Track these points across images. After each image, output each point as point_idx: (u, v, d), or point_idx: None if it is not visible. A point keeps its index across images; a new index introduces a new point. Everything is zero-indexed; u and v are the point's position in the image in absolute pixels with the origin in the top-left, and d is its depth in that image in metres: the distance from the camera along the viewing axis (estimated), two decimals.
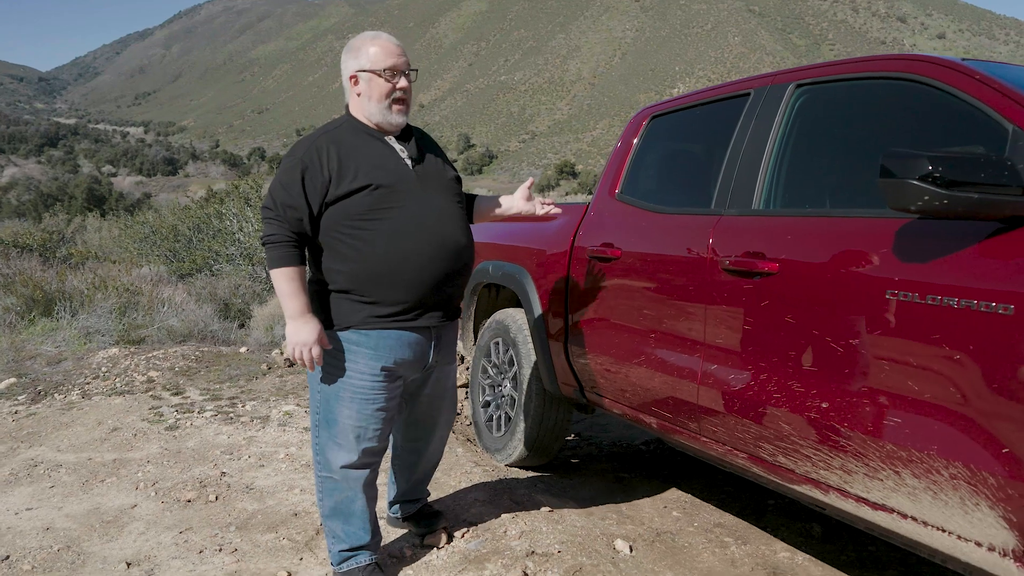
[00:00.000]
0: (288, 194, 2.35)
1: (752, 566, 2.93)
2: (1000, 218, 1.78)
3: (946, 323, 1.84)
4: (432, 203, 2.47)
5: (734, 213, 2.63)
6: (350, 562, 2.60)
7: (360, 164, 2.38)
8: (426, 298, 2.46)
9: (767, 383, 2.35)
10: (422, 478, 2.99)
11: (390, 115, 2.45)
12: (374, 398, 2.47)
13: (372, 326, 2.42)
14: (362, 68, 2.43)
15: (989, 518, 1.77)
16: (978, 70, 2.07)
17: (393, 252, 2.37)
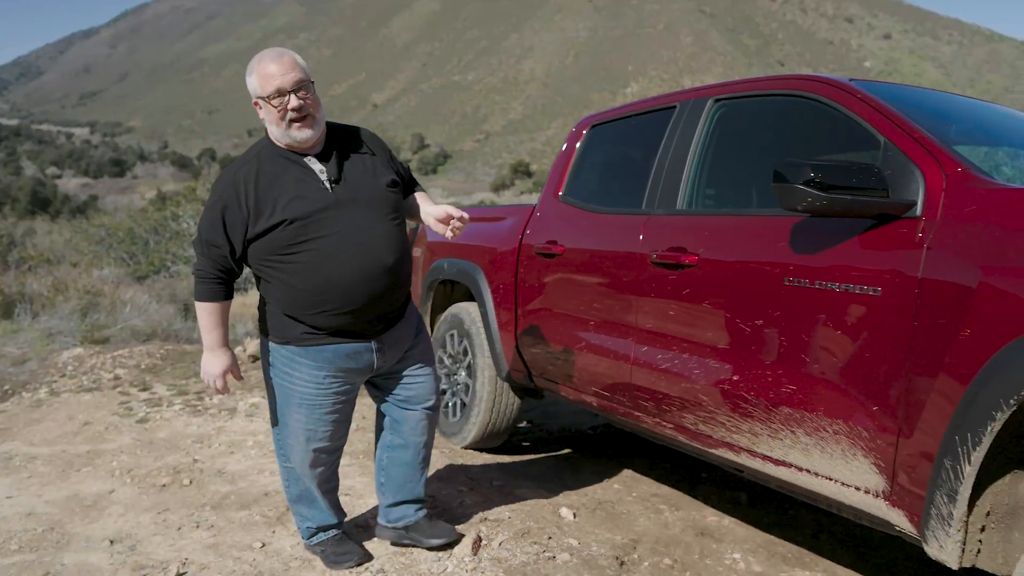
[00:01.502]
0: (212, 232, 2.41)
1: (682, 528, 3.27)
2: (870, 215, 2.13)
3: (830, 304, 2.19)
4: (354, 226, 2.44)
5: (661, 213, 2.97)
6: (319, 535, 2.78)
7: (278, 197, 2.38)
8: (356, 321, 2.49)
9: (688, 361, 2.69)
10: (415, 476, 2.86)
11: (293, 133, 2.40)
12: (321, 403, 2.56)
13: (308, 343, 2.49)
14: (255, 95, 2.41)
15: (864, 466, 2.12)
16: (860, 89, 2.43)
17: (315, 284, 2.40)
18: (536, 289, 3.60)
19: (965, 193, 1.99)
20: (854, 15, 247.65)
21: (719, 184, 2.92)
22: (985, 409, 1.76)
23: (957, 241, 1.93)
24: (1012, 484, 1.97)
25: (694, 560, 2.95)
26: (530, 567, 2.72)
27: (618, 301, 3.05)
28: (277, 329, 2.53)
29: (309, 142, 2.44)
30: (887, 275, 2.05)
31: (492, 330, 3.90)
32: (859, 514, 2.27)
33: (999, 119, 2.93)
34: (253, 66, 2.41)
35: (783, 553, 3.08)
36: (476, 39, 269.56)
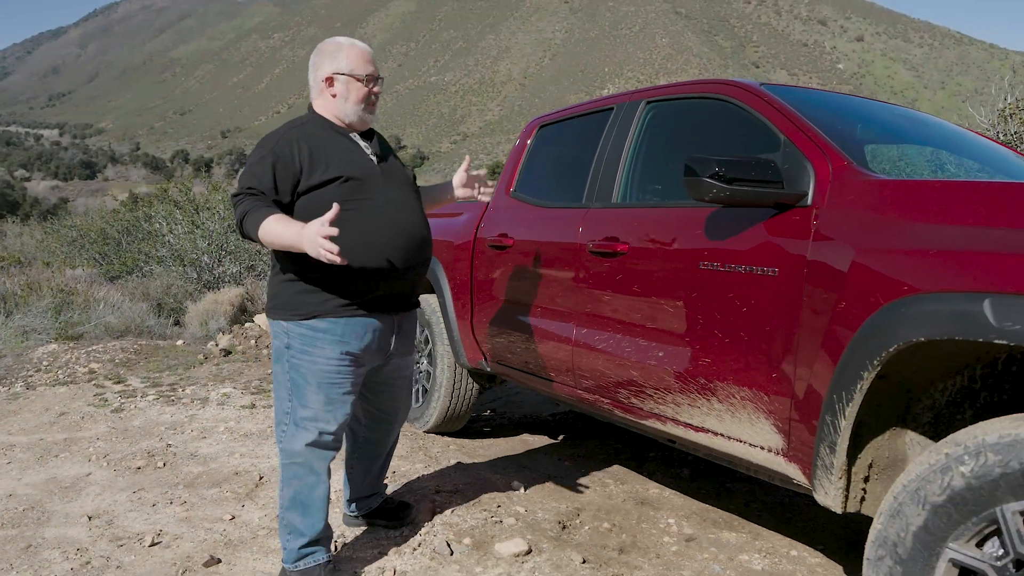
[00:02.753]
0: (259, 180, 2.41)
1: (625, 498, 3.54)
2: (769, 205, 2.40)
3: (737, 284, 2.46)
4: (397, 197, 2.61)
5: (599, 206, 3.23)
6: (307, 560, 2.59)
7: (331, 157, 2.49)
8: (392, 287, 2.58)
9: (621, 341, 2.95)
10: (381, 470, 3.05)
11: (365, 114, 2.60)
12: (341, 382, 2.55)
13: (339, 314, 2.51)
14: (340, 71, 2.55)
15: (766, 427, 2.39)
16: (766, 92, 2.70)
17: (363, 242, 2.46)
18: (490, 280, 3.85)
19: (847, 184, 2.27)
20: (827, 17, 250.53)
21: (649, 179, 3.18)
22: (855, 370, 2.03)
23: (838, 226, 2.21)
24: (891, 439, 2.25)
25: (631, 524, 3.22)
26: (478, 529, 2.97)
27: (560, 288, 3.31)
28: (303, 305, 2.49)
29: (369, 124, 2.67)
30: (782, 257, 2.33)
31: (450, 319, 4.14)
32: (764, 471, 2.54)
33: (904, 121, 3.23)
34: (344, 46, 2.58)
35: (714, 518, 3.35)
36: (452, 40, 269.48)
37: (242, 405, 4.86)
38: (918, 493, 1.87)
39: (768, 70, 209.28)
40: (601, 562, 2.81)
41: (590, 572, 2.70)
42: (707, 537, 3.13)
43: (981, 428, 1.85)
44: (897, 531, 1.91)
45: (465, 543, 2.87)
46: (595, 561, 2.81)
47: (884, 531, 1.94)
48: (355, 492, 3.02)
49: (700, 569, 2.82)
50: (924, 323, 1.89)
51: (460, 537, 2.91)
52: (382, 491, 3.10)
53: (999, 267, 1.79)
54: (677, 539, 3.09)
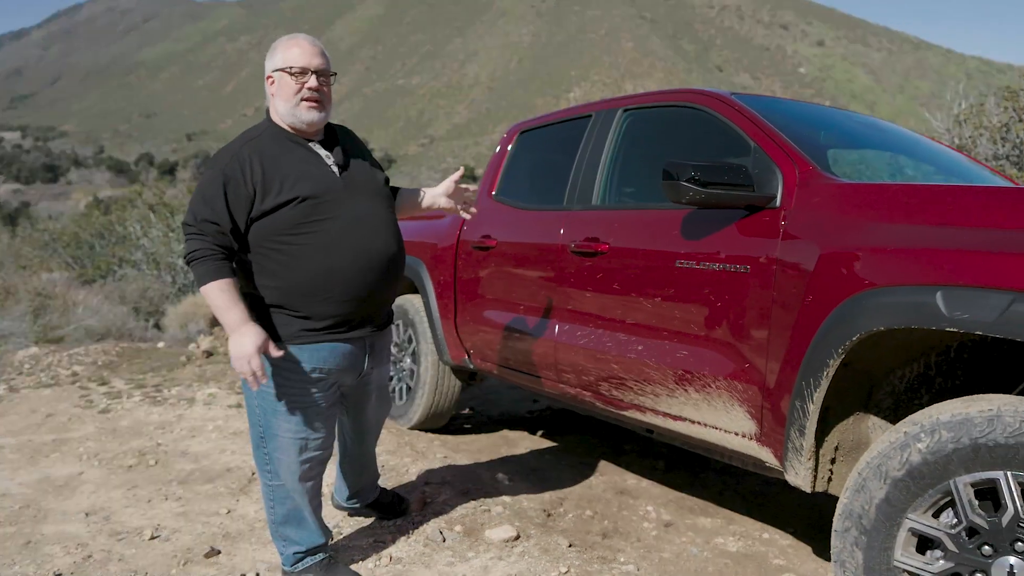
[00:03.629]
0: (211, 209, 2.28)
1: (605, 488, 3.70)
2: (741, 207, 2.57)
3: (712, 281, 2.63)
4: (361, 212, 2.44)
5: (579, 208, 3.39)
6: (305, 561, 2.60)
7: (285, 175, 2.33)
8: (358, 311, 2.47)
9: (602, 336, 3.11)
10: (374, 473, 3.09)
11: (300, 112, 2.38)
12: (312, 408, 2.47)
13: (305, 340, 2.40)
14: (276, 68, 2.40)
15: (740, 414, 2.57)
16: (737, 101, 2.89)
17: (323, 267, 2.35)
18: (473, 280, 3.99)
19: (812, 187, 2.45)
20: (789, 22, 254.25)
21: (627, 182, 3.35)
22: (821, 358, 2.21)
23: (804, 226, 2.39)
24: (855, 424, 2.44)
25: (613, 512, 3.38)
26: (468, 518, 3.12)
27: (543, 287, 3.46)
28: (267, 330, 2.35)
29: (314, 126, 2.43)
30: (753, 255, 2.50)
31: (434, 318, 4.28)
32: (739, 456, 2.71)
33: (864, 128, 3.44)
34: (282, 41, 2.44)
35: (690, 506, 3.52)
36: (420, 43, 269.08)
37: (229, 405, 4.94)
38: (880, 469, 2.06)
39: (731, 73, 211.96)
40: (586, 546, 2.97)
41: (576, 555, 2.86)
42: (684, 523, 3.31)
43: (936, 408, 2.04)
44: (862, 504, 2.09)
45: (456, 530, 3.01)
46: (580, 545, 2.97)
47: (850, 504, 2.12)
48: (353, 488, 3.04)
49: (679, 551, 2.99)
50: (883, 314, 2.07)
51: (451, 525, 3.05)
52: (377, 483, 3.12)
53: (950, 262, 1.98)
54: (656, 525, 3.26)
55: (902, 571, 2.03)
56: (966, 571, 1.95)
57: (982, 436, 1.90)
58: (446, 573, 2.69)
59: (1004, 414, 1.89)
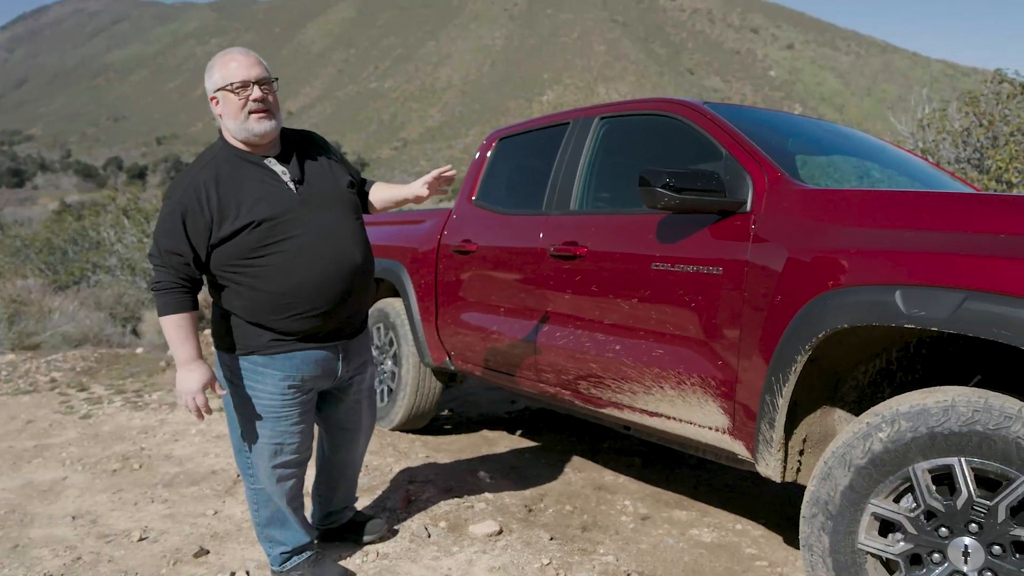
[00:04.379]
0: (171, 241, 2.31)
1: (583, 484, 3.81)
2: (713, 211, 2.69)
3: (686, 282, 2.75)
4: (322, 225, 2.45)
5: (558, 213, 3.50)
6: (293, 559, 2.66)
7: (242, 200, 2.35)
8: (325, 323, 2.48)
9: (581, 336, 3.22)
10: (350, 486, 3.02)
11: (251, 125, 2.37)
12: (287, 415, 2.50)
13: (276, 350, 2.44)
14: (217, 87, 2.38)
15: (714, 409, 2.68)
16: (709, 110, 3.01)
17: (286, 287, 2.38)
18: (453, 283, 4.09)
19: (780, 193, 2.57)
20: (759, 26, 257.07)
21: (605, 188, 3.47)
22: (789, 354, 2.34)
23: (773, 230, 2.51)
24: (822, 416, 2.57)
25: (591, 506, 3.49)
26: (452, 514, 3.21)
27: (523, 289, 3.56)
28: (240, 340, 2.43)
29: (267, 136, 2.42)
30: (725, 258, 2.62)
31: (415, 321, 4.36)
32: (713, 450, 2.83)
33: (830, 135, 3.59)
34: (217, 60, 2.42)
35: (666, 500, 3.64)
36: (392, 46, 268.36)
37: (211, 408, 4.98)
38: (844, 457, 2.18)
39: (702, 76, 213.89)
40: (567, 539, 3.07)
41: (558, 547, 2.96)
42: (660, 516, 3.42)
43: (896, 400, 2.17)
44: (827, 491, 2.21)
45: (441, 526, 3.10)
46: (561, 538, 3.07)
47: (817, 492, 2.24)
48: (325, 507, 2.98)
49: (656, 542, 3.11)
50: (847, 312, 2.20)
51: (436, 521, 3.14)
52: (353, 504, 3.07)
53: (907, 263, 2.11)
54: (634, 518, 3.37)
55: (865, 553, 2.16)
56: (925, 552, 2.09)
57: (938, 425, 2.03)
58: (432, 567, 2.77)
59: (958, 404, 2.02)
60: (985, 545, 2.01)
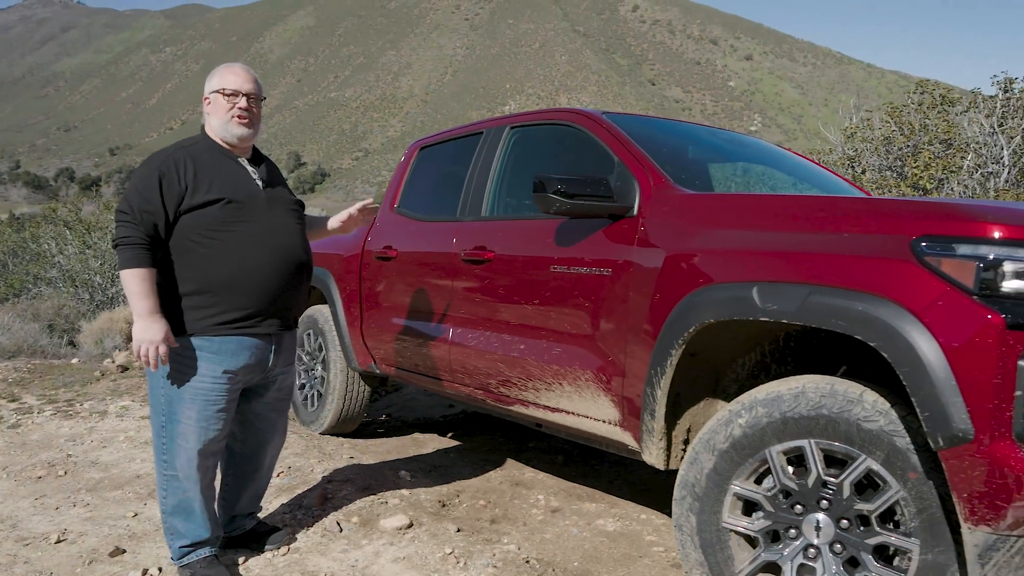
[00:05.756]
0: (145, 199, 2.51)
1: (502, 480, 3.94)
2: (604, 216, 2.85)
3: (581, 283, 2.90)
4: (278, 221, 2.74)
5: (470, 219, 3.64)
6: (191, 555, 2.74)
7: (214, 178, 2.61)
8: (268, 306, 2.68)
9: (490, 337, 3.36)
10: (258, 490, 3.05)
11: (232, 127, 2.68)
12: (216, 400, 2.63)
13: (215, 332, 2.60)
14: (212, 90, 2.71)
15: (606, 403, 2.84)
16: (605, 119, 3.18)
17: (241, 261, 2.60)
18: (376, 289, 4.20)
19: (663, 198, 2.74)
20: (718, 37, 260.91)
21: (512, 195, 3.62)
22: (666, 348, 2.50)
23: (655, 232, 2.68)
24: (705, 408, 2.73)
25: (505, 501, 3.62)
26: (365, 510, 3.31)
27: (438, 293, 3.69)
28: (178, 322, 2.58)
29: (245, 141, 2.73)
30: (613, 259, 2.78)
31: (342, 327, 4.47)
32: (607, 441, 2.98)
33: (727, 143, 3.79)
34: (220, 68, 2.77)
35: (579, 494, 3.79)
36: (352, 56, 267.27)
37: (142, 416, 5.02)
38: (709, 443, 2.34)
39: (664, 87, 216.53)
40: (474, 530, 3.20)
41: (463, 538, 3.08)
42: (571, 508, 3.56)
43: (756, 389, 2.34)
44: (695, 474, 2.37)
45: (353, 521, 3.20)
46: (468, 530, 3.19)
47: (685, 475, 2.40)
48: (229, 511, 3.00)
49: (560, 532, 3.25)
50: (713, 308, 2.37)
51: (349, 517, 3.25)
52: (257, 513, 3.10)
53: (763, 262, 2.29)
54: (544, 511, 3.51)
55: (729, 531, 2.32)
56: (782, 528, 2.26)
57: (790, 410, 2.20)
58: (340, 559, 2.88)
59: (808, 391, 2.19)
60: (834, 520, 2.18)
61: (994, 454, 1.81)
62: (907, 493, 2.03)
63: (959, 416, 1.84)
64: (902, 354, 1.93)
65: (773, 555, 2.26)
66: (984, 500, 1.84)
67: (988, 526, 1.86)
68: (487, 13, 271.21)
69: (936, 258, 1.93)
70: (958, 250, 1.91)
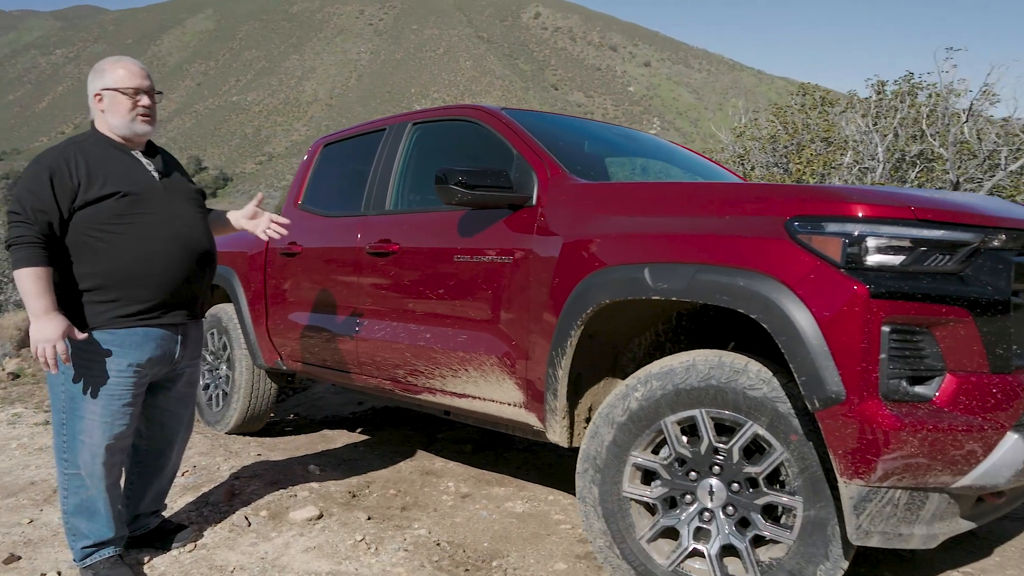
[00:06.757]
0: (37, 198, 2.45)
1: (412, 471, 3.98)
2: (504, 206, 2.95)
3: (484, 272, 2.99)
4: (178, 211, 2.69)
5: (375, 214, 3.68)
6: (93, 556, 2.67)
7: (108, 173, 2.56)
8: (172, 297, 2.65)
9: (397, 327, 3.41)
10: (164, 487, 3.01)
11: (136, 125, 2.64)
12: (121, 394, 2.58)
13: (118, 325, 2.56)
14: (106, 87, 2.62)
15: (511, 386, 2.93)
16: (503, 115, 3.28)
17: (141, 253, 2.56)
18: (282, 285, 4.18)
19: (559, 188, 2.86)
20: (617, 44, 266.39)
21: (415, 189, 3.68)
22: (566, 329, 2.61)
23: (553, 220, 2.79)
24: (605, 387, 2.86)
25: (415, 489, 3.67)
26: (274, 503, 3.31)
27: (344, 287, 3.71)
28: (81, 316, 2.53)
29: (146, 137, 2.72)
30: (514, 247, 2.88)
31: (246, 324, 4.42)
32: (513, 424, 3.08)
33: (620, 138, 3.96)
34: (108, 63, 2.67)
35: (488, 479, 3.87)
36: (254, 59, 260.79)
37: (35, 423, 4.83)
38: (608, 416, 2.46)
39: (566, 92, 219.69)
40: (384, 518, 3.24)
41: (373, 525, 3.12)
42: (480, 493, 3.64)
43: (651, 364, 2.47)
44: (596, 447, 2.49)
45: (262, 515, 3.19)
46: (379, 517, 3.23)
47: (587, 449, 2.52)
48: (133, 510, 2.93)
49: (471, 516, 3.32)
50: (608, 289, 2.49)
51: (257, 511, 3.23)
52: (161, 511, 3.05)
53: (654, 245, 2.42)
54: (454, 497, 3.57)
55: (630, 500, 2.45)
56: (678, 494, 2.40)
57: (682, 382, 2.34)
58: (249, 552, 2.87)
59: (697, 363, 2.34)
60: (726, 484, 2.34)
61: (864, 412, 1.99)
62: (790, 455, 2.20)
63: (832, 379, 2.01)
64: (780, 324, 2.09)
65: (671, 520, 2.40)
66: (857, 455, 2.01)
67: (861, 479, 2.03)
68: (391, 18, 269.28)
69: (807, 236, 2.10)
70: (827, 228, 2.09)
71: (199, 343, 2.93)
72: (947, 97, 7.21)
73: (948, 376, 2.02)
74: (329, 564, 2.75)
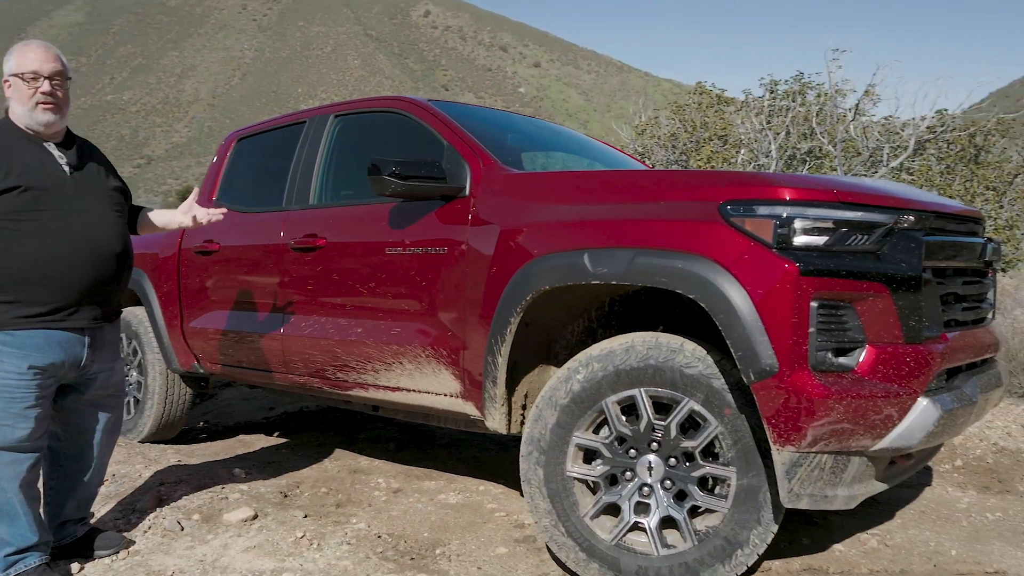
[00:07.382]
0: None
1: (339, 470, 3.95)
2: (437, 197, 2.98)
3: (417, 264, 3.01)
4: (87, 209, 2.58)
5: (298, 208, 3.63)
6: (18, 565, 2.55)
7: (12, 165, 2.46)
8: (75, 300, 2.54)
9: (324, 323, 3.38)
10: (88, 494, 2.89)
11: (36, 115, 2.52)
12: (22, 397, 2.48)
13: (17, 326, 2.46)
14: (11, 73, 2.52)
15: (447, 377, 2.96)
16: (432, 106, 3.31)
17: (42, 253, 2.46)
18: (198, 285, 4.06)
19: (493, 178, 2.91)
20: (508, 44, 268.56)
21: (341, 182, 3.65)
22: (504, 317, 2.66)
23: (487, 211, 2.84)
24: (540, 374, 2.93)
25: (347, 487, 3.64)
26: (205, 507, 3.22)
27: (267, 284, 3.65)
28: None
29: (51, 127, 2.57)
30: (449, 238, 2.91)
31: (160, 328, 4.27)
32: (450, 414, 3.11)
33: (542, 131, 4.05)
34: (17, 47, 2.58)
35: (417, 474, 3.88)
36: (130, 56, 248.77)
37: None
38: (551, 399, 2.54)
39: (457, 92, 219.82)
40: (321, 515, 3.21)
41: (312, 522, 3.09)
42: (412, 487, 3.65)
43: (592, 347, 2.56)
44: (539, 430, 2.56)
45: (195, 519, 3.10)
46: (316, 515, 3.20)
47: (531, 432, 2.58)
48: (56, 517, 2.80)
49: (406, 509, 3.33)
50: (547, 276, 2.56)
51: (189, 515, 3.14)
52: (88, 519, 2.93)
53: (592, 231, 2.51)
54: (386, 492, 3.57)
55: (573, 479, 2.53)
56: (619, 472, 2.49)
57: (622, 363, 2.43)
58: (186, 556, 2.79)
59: (636, 344, 2.44)
60: (664, 459, 2.45)
61: (795, 383, 2.13)
62: (724, 428, 2.33)
63: (766, 353, 2.15)
64: (717, 303, 2.21)
65: (613, 497, 2.49)
66: (788, 423, 2.15)
67: (792, 446, 2.17)
68: (276, 14, 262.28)
69: (740, 218, 2.24)
70: (758, 211, 2.22)
71: (114, 346, 2.82)
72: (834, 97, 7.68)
73: (868, 347, 2.19)
74: (272, 562, 2.71)
